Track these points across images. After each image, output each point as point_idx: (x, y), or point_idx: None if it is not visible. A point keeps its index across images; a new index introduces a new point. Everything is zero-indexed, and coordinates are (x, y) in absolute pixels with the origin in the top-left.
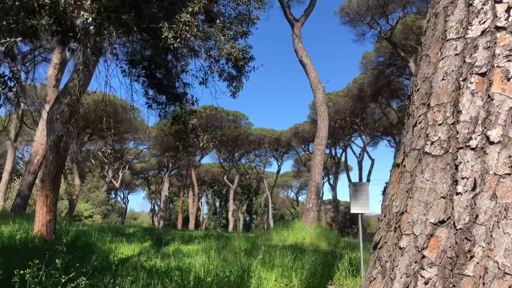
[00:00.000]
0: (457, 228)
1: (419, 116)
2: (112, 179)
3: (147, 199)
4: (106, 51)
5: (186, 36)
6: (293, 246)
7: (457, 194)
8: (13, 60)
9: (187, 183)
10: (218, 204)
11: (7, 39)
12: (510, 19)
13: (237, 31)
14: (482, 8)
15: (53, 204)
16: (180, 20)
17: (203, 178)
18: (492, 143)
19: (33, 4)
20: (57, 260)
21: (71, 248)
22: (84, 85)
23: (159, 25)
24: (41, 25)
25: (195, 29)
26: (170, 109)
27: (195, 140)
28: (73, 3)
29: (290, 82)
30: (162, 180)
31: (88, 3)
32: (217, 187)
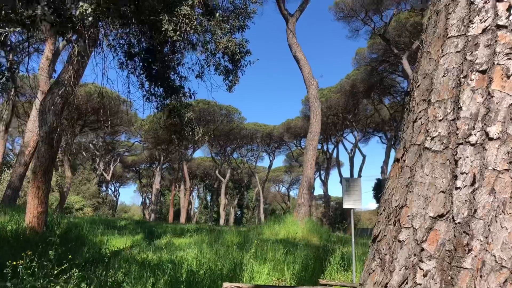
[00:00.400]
0: (456, 222)
1: (420, 112)
2: (103, 171)
3: (138, 192)
4: (102, 43)
5: (186, 29)
6: (285, 240)
7: (456, 188)
8: (10, 51)
9: (178, 177)
10: (209, 198)
11: (6, 29)
12: (511, 17)
13: (234, 24)
14: (483, 7)
15: (44, 196)
16: (180, 13)
17: (194, 172)
18: (491, 139)
19: None
20: (50, 251)
21: (63, 240)
22: (78, 77)
23: (159, 17)
24: (40, 15)
25: (195, 22)
26: (167, 101)
27: (190, 133)
28: None
29: (283, 78)
30: (154, 173)
31: None
32: (209, 181)
